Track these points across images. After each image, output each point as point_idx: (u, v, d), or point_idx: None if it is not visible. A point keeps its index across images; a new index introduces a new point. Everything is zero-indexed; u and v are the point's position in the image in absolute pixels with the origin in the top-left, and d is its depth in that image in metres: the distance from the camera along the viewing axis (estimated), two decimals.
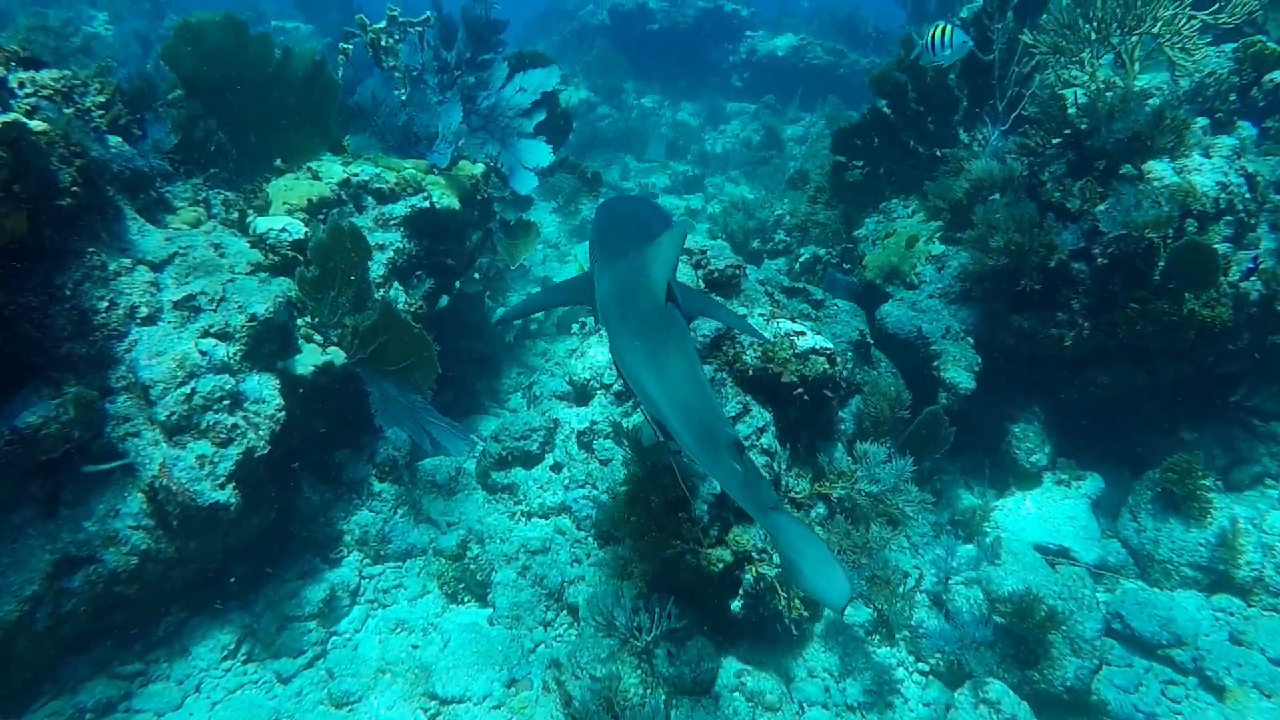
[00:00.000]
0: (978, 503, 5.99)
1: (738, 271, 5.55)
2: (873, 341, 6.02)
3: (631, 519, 4.46)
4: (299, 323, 5.13)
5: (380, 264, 5.81)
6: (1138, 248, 5.23)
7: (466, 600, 5.28)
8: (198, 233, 5.05)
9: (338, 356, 5.10)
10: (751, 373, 4.73)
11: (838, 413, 5.36)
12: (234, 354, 4.52)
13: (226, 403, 4.39)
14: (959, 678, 4.65)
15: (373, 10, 7.90)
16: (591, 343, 6.54)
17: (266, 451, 4.45)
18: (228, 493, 4.24)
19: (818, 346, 4.84)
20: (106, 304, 4.30)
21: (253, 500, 4.48)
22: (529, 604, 5.11)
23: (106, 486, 4.17)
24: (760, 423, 4.63)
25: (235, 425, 4.37)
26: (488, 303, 8.22)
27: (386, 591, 5.22)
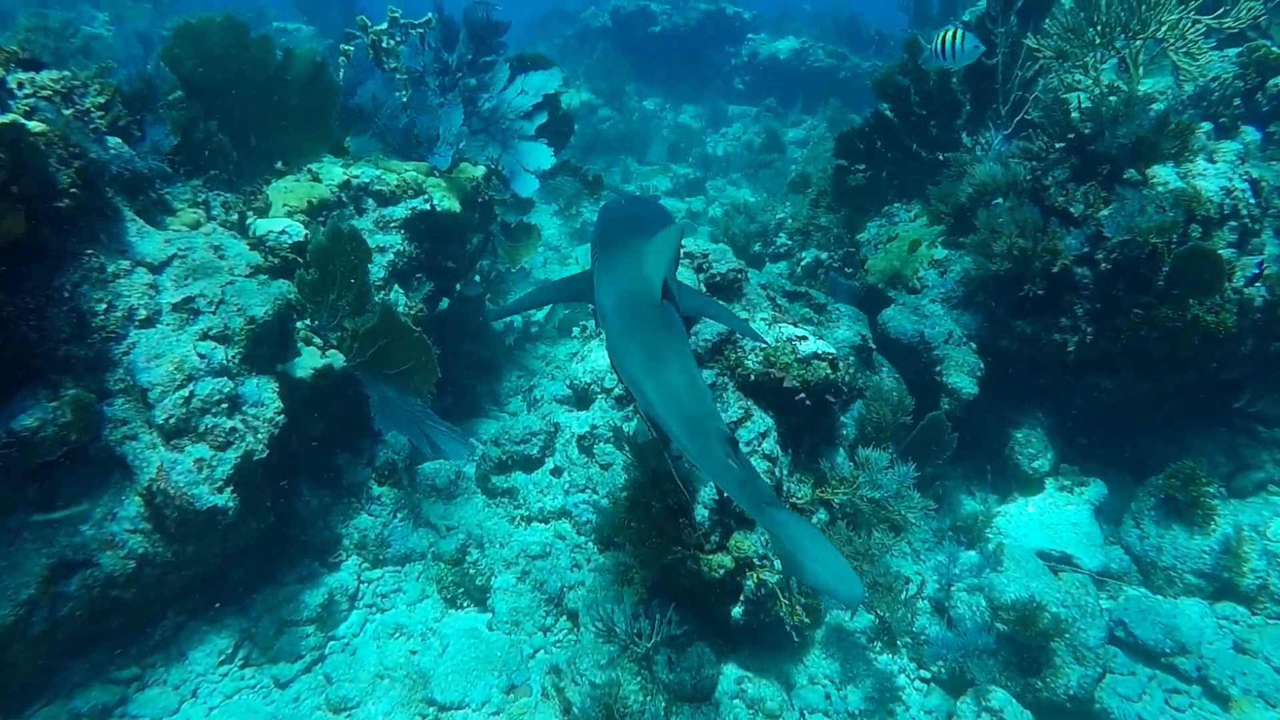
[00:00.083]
0: (980, 509, 5.96)
1: (740, 275, 5.53)
2: (875, 346, 5.99)
3: (632, 524, 4.43)
4: (298, 325, 5.11)
5: (380, 266, 5.78)
6: (1142, 253, 5.21)
7: (466, 605, 5.25)
8: (197, 235, 5.03)
9: (337, 359, 5.08)
10: (753, 378, 4.70)
11: (840, 418, 5.33)
12: (233, 357, 4.50)
13: (225, 406, 4.37)
14: (961, 685, 4.62)
15: (374, 12, 7.88)
16: (592, 346, 6.51)
17: (265, 455, 4.43)
18: (226, 496, 4.22)
19: (820, 351, 4.81)
20: (105, 306, 4.28)
21: (251, 504, 4.45)
22: (528, 609, 5.09)
23: (104, 489, 4.14)
24: (762, 428, 4.60)
25: (234, 429, 4.35)
26: (488, 306, 8.20)
27: (385, 596, 5.19)
